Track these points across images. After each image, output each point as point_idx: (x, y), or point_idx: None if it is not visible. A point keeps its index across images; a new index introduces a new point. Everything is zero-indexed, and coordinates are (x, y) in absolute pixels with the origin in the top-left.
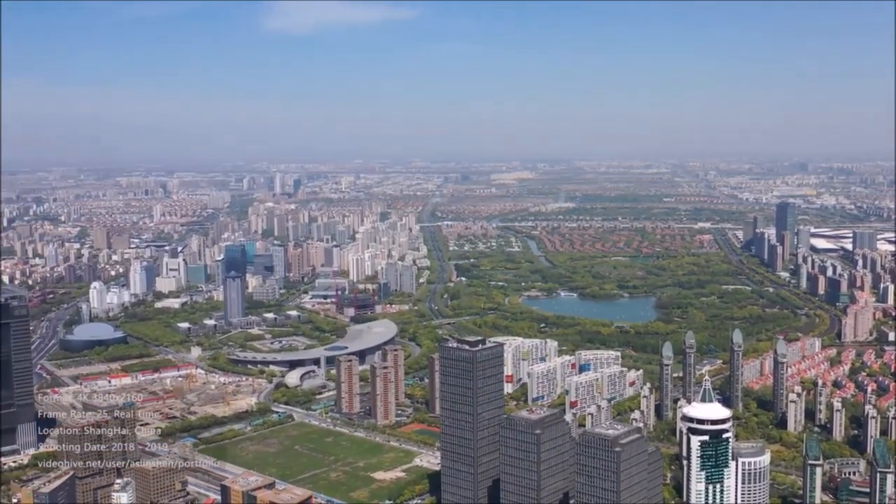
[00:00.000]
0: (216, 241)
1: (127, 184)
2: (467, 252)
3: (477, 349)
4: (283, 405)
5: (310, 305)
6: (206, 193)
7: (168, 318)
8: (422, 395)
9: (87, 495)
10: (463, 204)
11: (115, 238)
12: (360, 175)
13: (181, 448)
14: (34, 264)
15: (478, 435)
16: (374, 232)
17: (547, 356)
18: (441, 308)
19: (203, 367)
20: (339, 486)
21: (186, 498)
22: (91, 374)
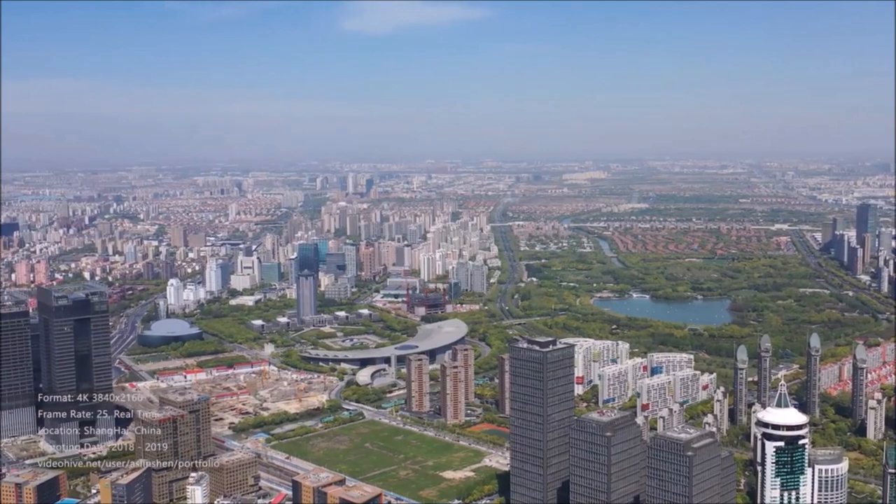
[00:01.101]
0: (290, 239)
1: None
2: (538, 252)
3: (547, 350)
4: (353, 403)
5: (381, 304)
6: (281, 192)
7: (242, 315)
8: (491, 394)
9: (162, 488)
10: (534, 204)
11: (191, 236)
12: (431, 175)
13: (254, 443)
14: (114, 261)
15: (548, 436)
16: (445, 231)
17: (618, 358)
18: (512, 308)
19: (276, 363)
20: (409, 485)
21: (258, 492)
22: (167, 369)
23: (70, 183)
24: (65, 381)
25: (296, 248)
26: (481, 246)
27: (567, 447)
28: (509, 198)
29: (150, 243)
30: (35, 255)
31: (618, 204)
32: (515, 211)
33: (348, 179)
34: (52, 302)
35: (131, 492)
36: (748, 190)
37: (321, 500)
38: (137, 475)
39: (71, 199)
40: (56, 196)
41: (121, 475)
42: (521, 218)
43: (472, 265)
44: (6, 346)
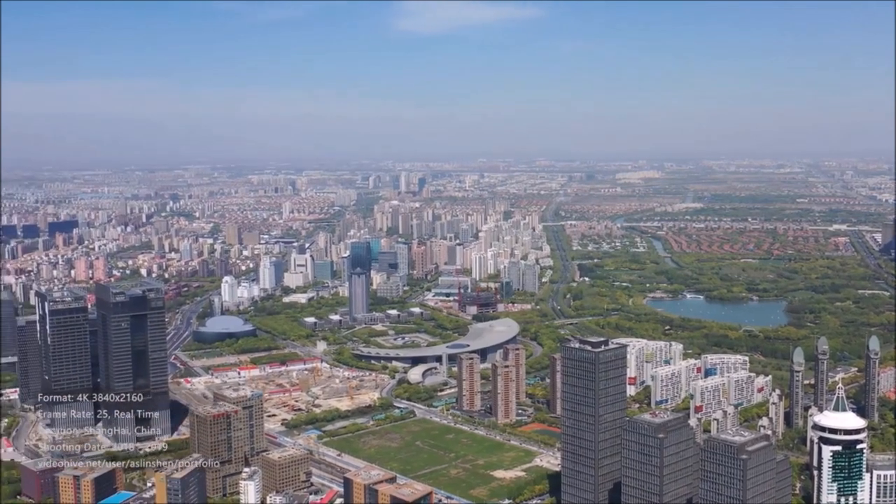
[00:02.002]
0: (342, 238)
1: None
2: (591, 252)
3: (600, 350)
4: (405, 401)
5: (432, 303)
6: (334, 191)
7: (295, 312)
8: (543, 394)
9: (215, 483)
10: (587, 203)
11: (246, 234)
12: (483, 174)
13: (306, 440)
14: (170, 258)
15: (599, 437)
16: (497, 230)
17: (672, 359)
18: (564, 308)
19: (328, 361)
20: (459, 484)
21: (310, 489)
22: (222, 365)
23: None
24: (122, 376)
25: (348, 247)
26: (533, 245)
27: (619, 448)
28: (562, 197)
29: (206, 241)
30: (94, 251)
31: (672, 203)
32: (568, 210)
33: (401, 178)
34: (110, 298)
35: (186, 486)
36: (806, 189)
37: (372, 497)
38: (192, 470)
39: (129, 198)
40: (114, 194)
41: (175, 469)
42: (574, 217)
43: (524, 264)
44: (65, 341)
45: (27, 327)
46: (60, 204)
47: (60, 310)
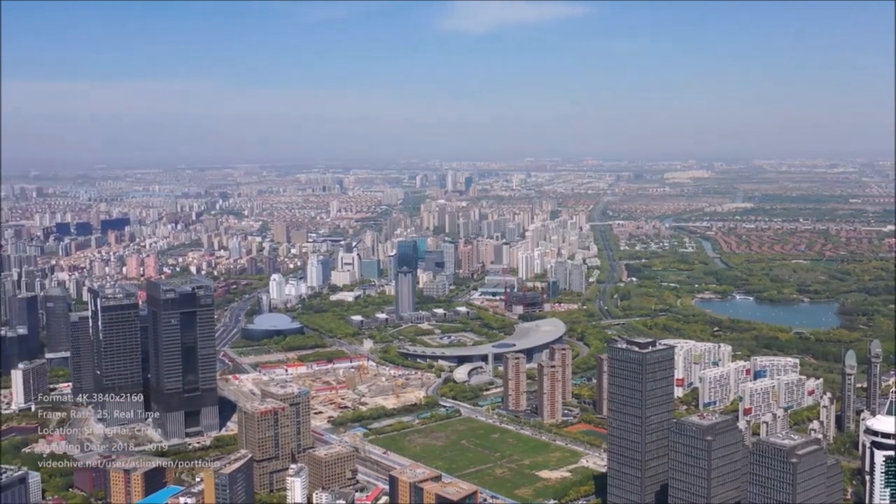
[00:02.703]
0: (389, 236)
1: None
2: (639, 252)
3: (647, 351)
4: (450, 400)
5: (479, 302)
6: (381, 190)
7: (342, 310)
8: (589, 395)
9: (263, 479)
10: (635, 203)
11: (293, 232)
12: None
13: (352, 437)
14: (219, 256)
15: (646, 438)
16: (544, 230)
17: (720, 360)
18: (611, 308)
19: (374, 359)
20: (505, 483)
21: (356, 486)
22: (269, 362)
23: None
24: (171, 372)
25: (395, 246)
26: (580, 245)
27: (666, 450)
28: (609, 196)
29: (254, 239)
30: (145, 249)
31: (721, 203)
32: (616, 210)
33: (447, 177)
34: (161, 295)
35: (234, 481)
36: (859, 189)
37: (417, 495)
38: (240, 465)
39: (179, 196)
40: (165, 192)
41: (224, 464)
42: (622, 217)
43: (571, 264)
44: (117, 338)
45: (80, 323)
46: (113, 202)
47: (112, 306)
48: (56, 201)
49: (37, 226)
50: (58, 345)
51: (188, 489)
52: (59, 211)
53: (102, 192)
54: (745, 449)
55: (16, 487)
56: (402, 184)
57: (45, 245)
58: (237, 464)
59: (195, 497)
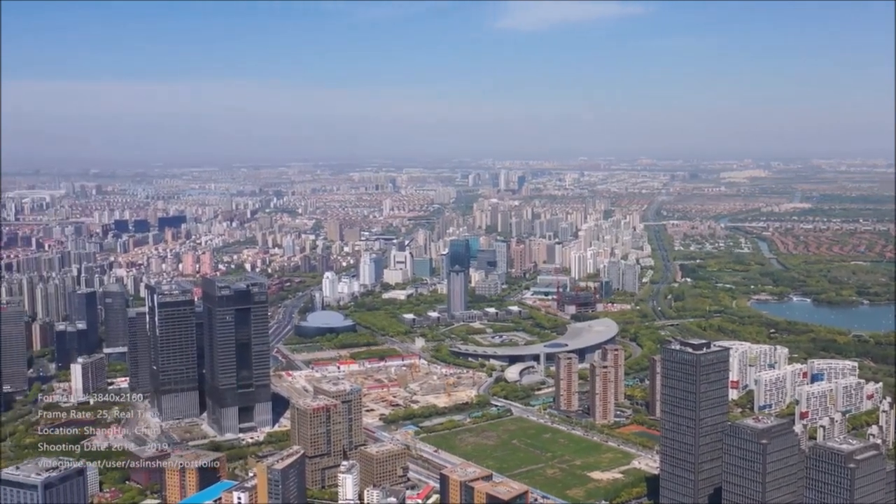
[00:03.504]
0: (441, 235)
1: (359, 179)
2: (693, 252)
3: (701, 352)
4: (501, 399)
5: (531, 301)
6: (433, 189)
7: (394, 308)
8: (642, 396)
9: (315, 475)
10: (690, 203)
11: (347, 230)
12: (584, 172)
13: (403, 435)
14: (273, 254)
15: (700, 441)
16: (597, 229)
17: (776, 363)
18: (664, 309)
19: (426, 357)
20: (556, 484)
21: (407, 484)
22: (322, 359)
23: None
24: (226, 368)
25: (447, 244)
26: (634, 245)
27: (720, 453)
28: (664, 196)
29: (308, 237)
30: (201, 246)
31: (779, 203)
32: (670, 209)
33: (500, 176)
34: (216, 292)
35: (286, 477)
36: None
37: (468, 494)
38: (292, 461)
39: (234, 194)
40: (221, 191)
41: (277, 460)
42: (676, 217)
43: (624, 264)
44: (173, 333)
45: (137, 319)
46: (170, 200)
47: (169, 302)
48: (115, 199)
49: (96, 223)
50: (116, 340)
51: (241, 484)
52: (117, 208)
53: (160, 189)
54: (802, 453)
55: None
56: (454, 183)
57: (104, 242)
58: (290, 460)
59: (248, 492)
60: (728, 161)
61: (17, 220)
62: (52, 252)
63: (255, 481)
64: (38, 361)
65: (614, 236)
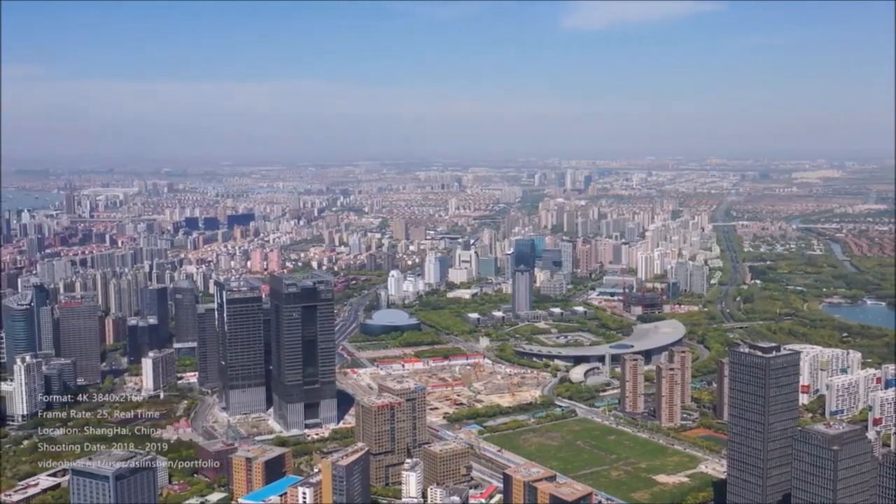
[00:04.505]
0: (507, 234)
1: (425, 177)
2: (763, 254)
3: (771, 356)
4: (566, 400)
5: (596, 302)
6: (499, 188)
7: (459, 307)
8: (709, 399)
9: (379, 472)
10: (760, 203)
11: (412, 229)
12: (651, 172)
13: (467, 434)
14: (340, 252)
15: (768, 446)
16: (664, 230)
17: (849, 368)
18: (733, 311)
19: (490, 357)
20: (620, 486)
21: (470, 483)
22: (387, 357)
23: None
24: (292, 364)
25: (512, 244)
26: (702, 245)
27: (789, 459)
28: (733, 196)
29: (374, 235)
30: (268, 244)
31: (853, 204)
32: (740, 210)
33: (566, 176)
34: (283, 289)
35: (350, 473)
36: None
37: (531, 495)
38: (357, 458)
39: (302, 192)
40: (289, 189)
41: (341, 456)
42: (746, 217)
43: (692, 265)
44: (241, 329)
45: (206, 315)
46: (239, 198)
47: (237, 299)
48: (185, 197)
49: (167, 220)
50: (185, 335)
51: (307, 479)
52: (188, 206)
53: (229, 188)
54: (875, 460)
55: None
56: (520, 182)
57: (175, 239)
58: (354, 456)
59: (313, 487)
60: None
61: (92, 217)
62: (125, 248)
63: (319, 477)
64: (111, 355)
65: (682, 237)
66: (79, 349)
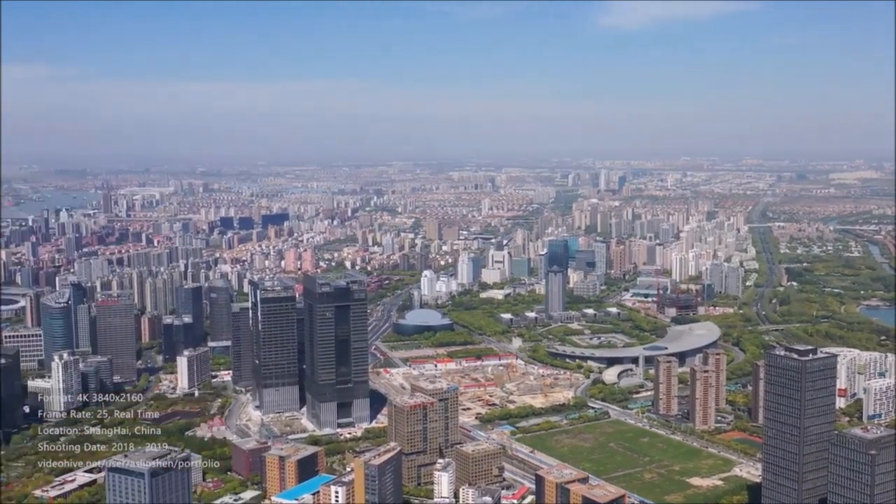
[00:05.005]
0: (540, 235)
1: (458, 178)
2: (800, 255)
3: (807, 359)
4: (599, 401)
5: (630, 303)
6: (532, 188)
7: (492, 308)
8: (744, 402)
9: (411, 471)
10: (797, 204)
11: (445, 229)
12: (686, 173)
13: (499, 435)
14: (373, 252)
15: (804, 450)
16: (699, 231)
17: (887, 371)
18: (768, 313)
19: (523, 357)
20: (653, 488)
21: (502, 483)
22: (419, 357)
23: (335, 177)
24: (325, 363)
25: (546, 244)
26: (737, 247)
27: (825, 463)
28: (769, 197)
29: (407, 235)
30: (302, 244)
31: (891, 206)
32: (776, 211)
33: (600, 176)
34: (317, 289)
35: (383, 472)
36: None
37: (564, 496)
38: (389, 457)
39: (336, 192)
40: (322, 189)
41: (374, 456)
42: (782, 219)
43: (728, 266)
44: (274, 328)
45: (241, 314)
46: (273, 197)
47: (271, 298)
48: (220, 196)
49: (203, 220)
50: (220, 334)
51: (339, 478)
52: (223, 206)
53: (263, 187)
54: None
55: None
56: (553, 182)
57: (210, 238)
58: (386, 456)
59: (346, 486)
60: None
61: (129, 217)
62: (161, 248)
63: (352, 476)
64: (147, 353)
65: (717, 238)
66: (115, 347)
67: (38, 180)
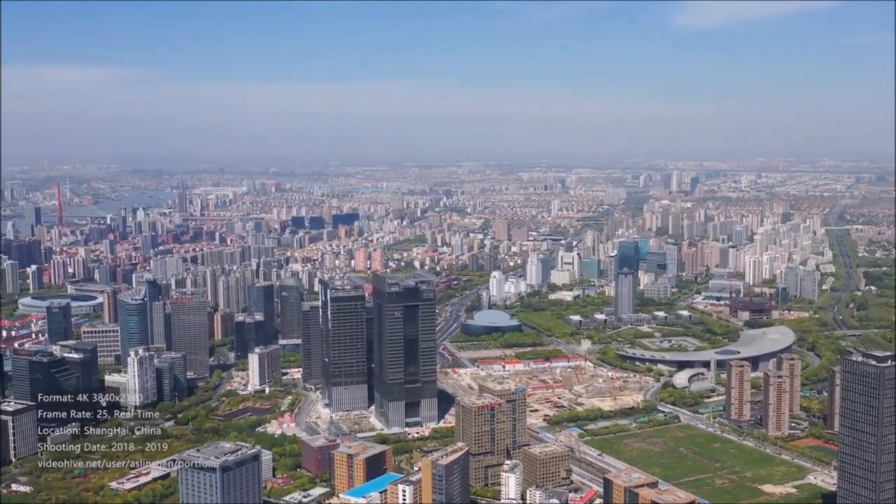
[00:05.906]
0: (610, 236)
1: (528, 178)
2: (879, 259)
3: (886, 365)
4: (669, 405)
5: (702, 306)
6: (603, 189)
7: (560, 309)
8: (819, 408)
9: (478, 472)
10: (877, 206)
11: (514, 230)
12: (761, 174)
13: (567, 437)
14: (442, 252)
15: (882, 458)
16: (774, 233)
17: None
18: (845, 318)
19: (592, 360)
20: (724, 495)
21: (570, 486)
22: (487, 358)
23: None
24: (394, 363)
25: (616, 246)
26: (814, 250)
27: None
28: (847, 199)
29: (476, 236)
30: (372, 243)
31: None
32: (854, 213)
33: (672, 177)
34: (386, 288)
35: (450, 472)
36: None
37: (633, 500)
38: (457, 457)
39: (405, 192)
40: (392, 189)
41: (441, 455)
42: (861, 221)
43: (803, 270)
44: (344, 327)
45: (311, 312)
46: (343, 197)
47: (341, 297)
48: (292, 196)
49: (274, 219)
50: (290, 332)
51: (407, 477)
52: (294, 205)
53: (334, 187)
54: None
55: (250, 464)
56: (624, 183)
57: (282, 237)
58: (454, 456)
59: (413, 485)
60: None
61: (203, 216)
62: (234, 246)
63: (419, 475)
64: (219, 350)
65: (792, 240)
66: (188, 344)
67: (117, 180)
